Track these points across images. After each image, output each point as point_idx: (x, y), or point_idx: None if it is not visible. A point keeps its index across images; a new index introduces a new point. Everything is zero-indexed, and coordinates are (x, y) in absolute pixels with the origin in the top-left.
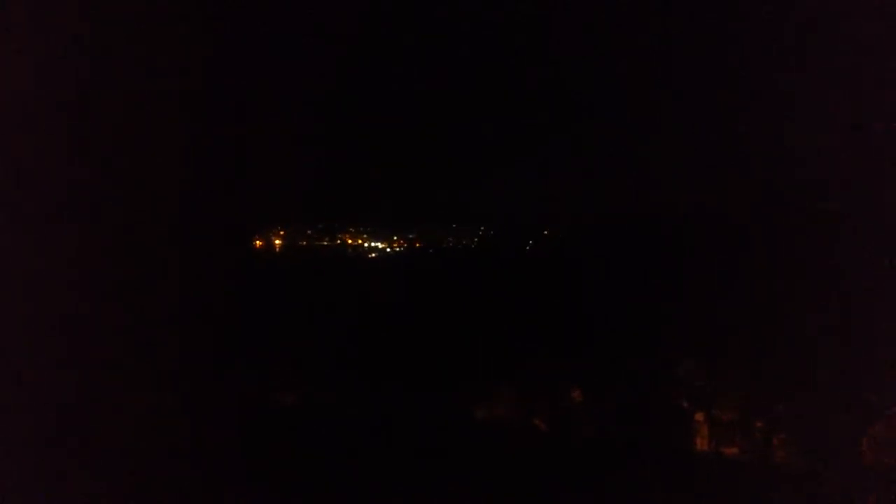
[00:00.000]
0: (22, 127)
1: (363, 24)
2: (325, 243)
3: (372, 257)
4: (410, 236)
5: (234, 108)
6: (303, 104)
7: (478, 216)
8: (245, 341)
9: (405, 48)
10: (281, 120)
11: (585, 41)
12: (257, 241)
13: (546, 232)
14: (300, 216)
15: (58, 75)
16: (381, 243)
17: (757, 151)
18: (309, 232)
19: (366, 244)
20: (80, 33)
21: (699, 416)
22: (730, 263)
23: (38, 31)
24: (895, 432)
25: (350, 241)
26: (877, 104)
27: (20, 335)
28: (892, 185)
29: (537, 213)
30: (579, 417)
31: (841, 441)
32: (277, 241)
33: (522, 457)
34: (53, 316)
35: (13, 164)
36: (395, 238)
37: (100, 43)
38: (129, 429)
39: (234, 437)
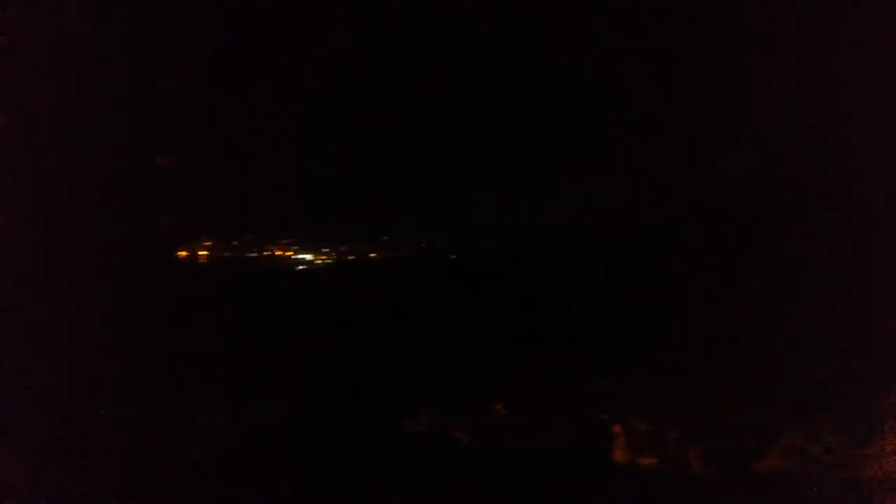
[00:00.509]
0: None
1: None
2: (253, 255)
3: (300, 269)
4: (342, 248)
5: (157, 113)
6: (230, 112)
7: (414, 229)
8: (161, 355)
9: (331, 53)
10: (206, 127)
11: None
12: (181, 252)
13: (478, 246)
14: (227, 226)
15: None
16: (311, 255)
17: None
18: (235, 243)
19: (295, 256)
20: None
21: (617, 428)
22: (645, 275)
23: None
24: (806, 442)
25: (278, 253)
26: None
27: None
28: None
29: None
30: (500, 430)
31: (753, 450)
32: (202, 252)
33: (443, 469)
34: None
35: None
36: (326, 250)
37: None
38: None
39: (150, 454)
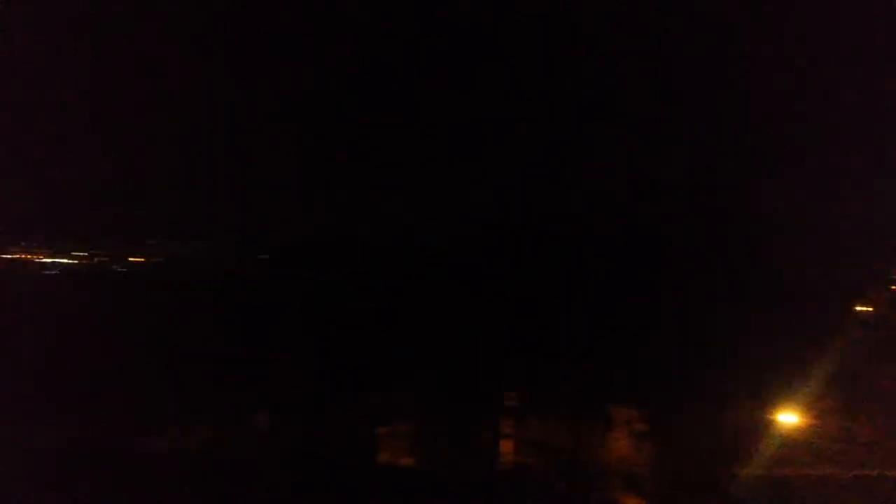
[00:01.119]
0: None
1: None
2: None
3: (50, 273)
4: (94, 252)
5: None
6: None
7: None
8: None
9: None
10: None
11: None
12: None
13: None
14: None
15: None
16: (63, 258)
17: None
18: None
19: (43, 260)
20: None
21: (382, 430)
22: (392, 293)
23: None
24: (535, 434)
25: (23, 257)
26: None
27: None
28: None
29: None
30: (269, 436)
31: (490, 446)
32: None
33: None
34: None
35: None
36: (81, 254)
37: None
38: None
39: None
